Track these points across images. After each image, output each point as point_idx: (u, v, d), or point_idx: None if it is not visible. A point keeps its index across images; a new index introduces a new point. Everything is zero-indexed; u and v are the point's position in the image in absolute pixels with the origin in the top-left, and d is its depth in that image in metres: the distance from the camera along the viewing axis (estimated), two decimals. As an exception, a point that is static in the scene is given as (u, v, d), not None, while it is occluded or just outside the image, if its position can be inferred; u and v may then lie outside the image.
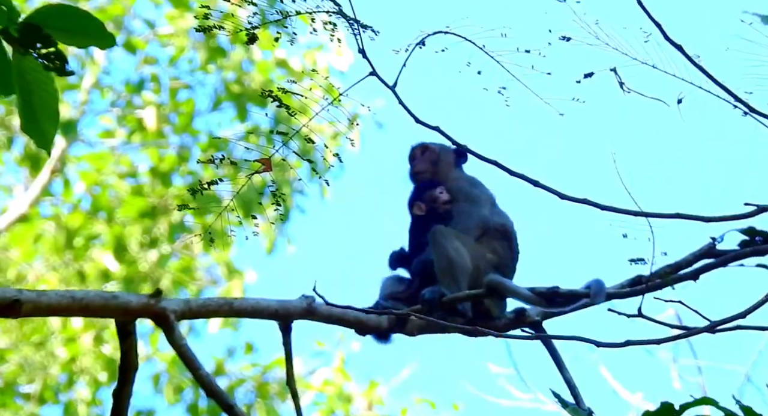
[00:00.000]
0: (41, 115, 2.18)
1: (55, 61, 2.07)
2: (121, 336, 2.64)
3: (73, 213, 8.36)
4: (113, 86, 8.46)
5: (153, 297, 2.63)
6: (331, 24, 2.63)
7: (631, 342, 2.60)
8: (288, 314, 2.77)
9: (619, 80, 2.65)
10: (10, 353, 7.95)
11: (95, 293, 2.61)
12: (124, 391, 2.64)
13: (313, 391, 8.30)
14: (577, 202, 2.71)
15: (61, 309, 2.57)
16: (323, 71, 8.38)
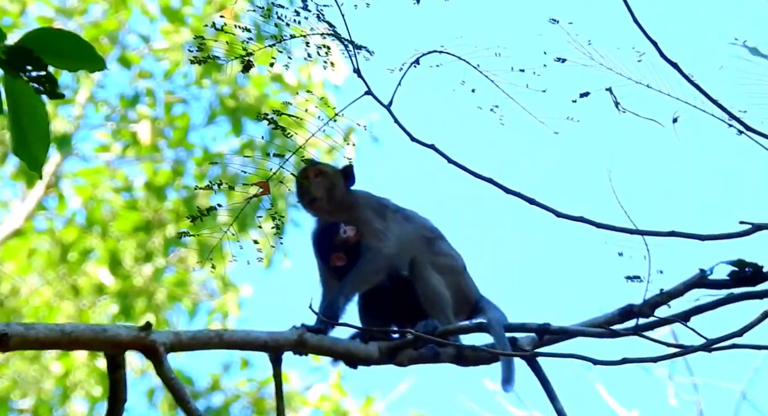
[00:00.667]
0: (32, 138, 2.18)
1: (45, 85, 2.07)
2: (111, 368, 2.65)
3: (68, 227, 8.35)
4: (108, 100, 8.46)
5: (143, 330, 2.64)
6: (325, 47, 2.64)
7: (627, 360, 2.60)
8: (278, 346, 2.78)
9: (614, 100, 2.67)
10: (5, 368, 7.92)
11: (85, 326, 2.62)
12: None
13: (309, 407, 8.28)
14: (572, 220, 2.72)
15: (49, 343, 2.58)
16: (318, 85, 8.39)
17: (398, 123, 2.71)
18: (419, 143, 2.70)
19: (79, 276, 8.23)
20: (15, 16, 8.38)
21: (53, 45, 2.14)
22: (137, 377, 8.14)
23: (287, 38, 2.68)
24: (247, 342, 2.76)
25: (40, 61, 2.07)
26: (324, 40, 2.65)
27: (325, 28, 2.66)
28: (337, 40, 2.66)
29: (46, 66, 2.08)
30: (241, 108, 8.30)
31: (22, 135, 2.18)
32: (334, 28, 2.67)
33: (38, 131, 2.17)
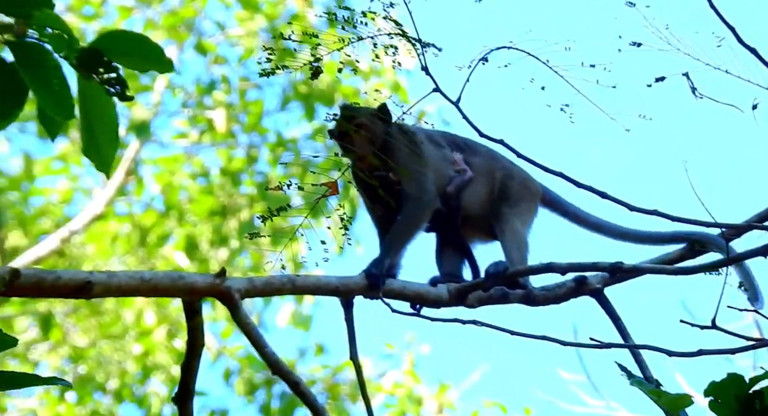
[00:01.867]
0: (101, 139, 2.24)
1: (116, 87, 2.13)
2: (188, 314, 2.71)
3: (146, 212, 8.53)
4: (184, 87, 8.60)
5: (218, 277, 2.70)
6: (392, 47, 2.65)
7: (704, 352, 2.56)
8: (348, 290, 2.82)
9: (692, 86, 2.61)
10: (90, 351, 8.15)
11: (163, 273, 2.70)
12: (192, 365, 2.72)
13: (383, 393, 8.33)
14: (646, 213, 2.67)
15: (130, 290, 2.65)
16: (390, 70, 8.39)
17: (466, 118, 2.70)
18: (488, 138, 2.70)
19: (157, 260, 8.40)
20: (97, 6, 8.56)
21: (123, 47, 2.19)
22: (214, 360, 8.30)
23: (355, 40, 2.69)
24: (319, 287, 2.80)
25: (110, 64, 2.12)
26: (391, 39, 2.66)
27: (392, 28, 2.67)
28: (405, 38, 2.67)
29: (116, 69, 2.13)
30: (313, 94, 8.35)
31: (92, 136, 2.24)
32: (401, 26, 2.67)
33: (108, 132, 2.23)
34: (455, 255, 3.06)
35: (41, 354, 8.24)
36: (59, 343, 8.24)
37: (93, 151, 2.22)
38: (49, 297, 2.86)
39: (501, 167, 3.08)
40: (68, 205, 8.50)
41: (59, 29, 2.17)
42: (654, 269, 2.79)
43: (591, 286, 2.87)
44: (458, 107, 2.70)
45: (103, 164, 2.24)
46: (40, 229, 8.37)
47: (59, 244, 8.25)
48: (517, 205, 3.03)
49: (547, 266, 2.81)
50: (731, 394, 2.27)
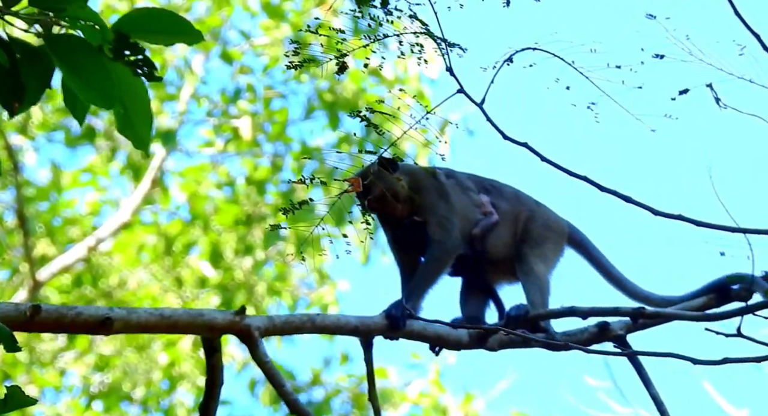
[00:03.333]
0: (135, 118, 2.23)
1: (143, 68, 2.11)
2: (208, 352, 2.72)
3: (172, 221, 8.56)
4: (210, 96, 8.63)
5: (238, 314, 2.70)
6: (418, 45, 2.64)
7: (729, 360, 2.54)
8: (368, 330, 2.81)
9: (715, 96, 2.58)
10: (116, 359, 8.18)
11: (183, 311, 2.71)
12: (210, 405, 2.72)
13: (408, 403, 8.30)
14: (671, 218, 2.64)
15: (150, 327, 2.67)
16: (414, 79, 8.38)
17: (491, 121, 2.68)
18: (512, 141, 2.67)
19: (182, 269, 8.42)
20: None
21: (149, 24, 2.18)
22: (239, 370, 8.30)
23: (381, 38, 2.68)
24: (338, 327, 2.80)
25: (137, 45, 2.11)
26: (417, 38, 2.64)
27: (418, 27, 2.66)
28: (430, 38, 2.65)
29: (143, 50, 2.12)
30: (338, 102, 8.36)
31: (126, 115, 2.23)
32: (426, 26, 2.66)
33: (141, 110, 2.22)
34: (479, 298, 3.05)
35: (68, 362, 8.28)
36: (86, 352, 8.28)
37: (128, 130, 2.21)
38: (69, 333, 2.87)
39: (526, 208, 3.07)
40: (96, 216, 8.56)
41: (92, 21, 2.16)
42: (677, 315, 2.76)
43: (614, 332, 2.85)
44: (482, 108, 2.68)
45: (141, 141, 2.23)
46: (68, 238, 8.42)
47: (86, 253, 8.29)
48: (539, 247, 3.01)
49: (568, 311, 2.81)
50: None
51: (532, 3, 2.60)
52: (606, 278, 3.07)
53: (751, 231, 2.60)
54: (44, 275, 8.20)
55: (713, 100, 2.58)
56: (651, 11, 2.56)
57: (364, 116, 2.76)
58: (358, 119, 2.80)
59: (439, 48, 2.66)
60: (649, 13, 2.55)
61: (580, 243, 3.08)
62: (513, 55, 2.65)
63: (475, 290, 3.05)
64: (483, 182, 3.09)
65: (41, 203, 8.46)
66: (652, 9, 2.56)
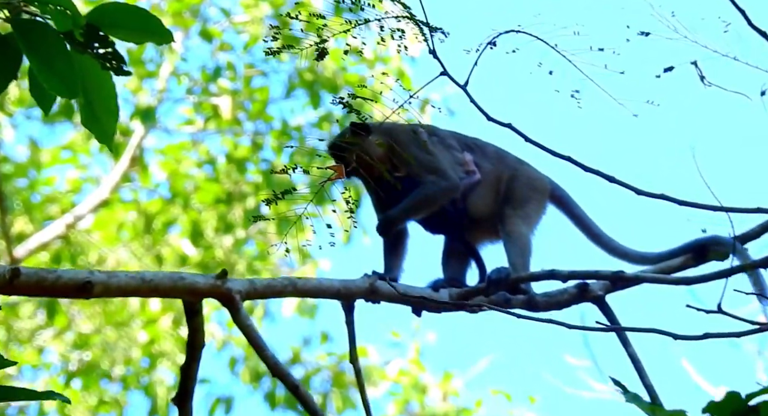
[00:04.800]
0: (100, 111, 2.22)
1: (112, 61, 2.10)
2: (189, 315, 2.70)
3: (152, 200, 8.52)
4: (190, 74, 8.57)
5: (219, 278, 2.69)
6: (399, 31, 2.63)
7: (709, 335, 2.55)
8: (350, 293, 2.81)
9: (700, 74, 2.59)
10: (95, 337, 8.15)
11: (164, 274, 2.69)
12: (192, 367, 2.71)
13: (388, 381, 8.33)
14: (654, 197, 2.66)
15: (130, 290, 2.65)
16: (395, 58, 8.35)
17: (474, 103, 2.69)
18: (496, 122, 2.68)
19: (162, 247, 8.39)
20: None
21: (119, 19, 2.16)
22: (219, 349, 8.29)
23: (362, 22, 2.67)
24: (320, 290, 2.80)
25: (106, 38, 2.10)
26: (399, 22, 2.63)
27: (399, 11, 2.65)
28: (412, 22, 2.64)
29: (112, 43, 2.10)
30: (319, 81, 8.32)
31: (90, 109, 2.21)
32: (409, 9, 2.65)
33: (106, 104, 2.20)
34: (460, 259, 3.07)
35: (46, 340, 8.25)
36: (64, 329, 8.25)
37: (93, 123, 2.19)
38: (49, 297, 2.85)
39: (509, 167, 3.06)
40: (76, 194, 8.50)
41: (62, 5, 2.14)
42: (656, 278, 2.78)
43: (593, 293, 2.88)
44: (466, 90, 2.68)
45: (104, 135, 2.22)
46: (46, 215, 8.37)
47: (65, 230, 8.25)
48: (522, 207, 3.02)
49: (549, 274, 2.82)
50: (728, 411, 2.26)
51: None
52: (586, 235, 3.09)
53: (733, 210, 2.61)
54: (21, 253, 8.14)
55: (698, 78, 2.58)
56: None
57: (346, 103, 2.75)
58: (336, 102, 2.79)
59: (421, 32, 2.66)
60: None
61: (561, 200, 3.10)
62: (496, 38, 2.65)
63: (457, 251, 3.06)
64: (466, 140, 3.09)
65: (19, 179, 8.39)
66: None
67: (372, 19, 2.66)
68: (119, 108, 2.25)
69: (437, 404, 8.31)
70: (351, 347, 2.80)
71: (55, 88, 2.14)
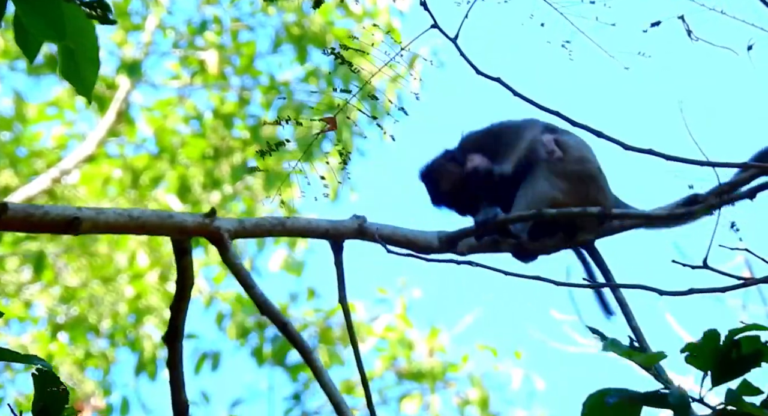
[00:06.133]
0: (81, 62, 2.18)
1: (97, 10, 2.06)
2: (178, 254, 2.68)
3: (139, 155, 8.47)
4: (176, 27, 8.48)
5: (207, 217, 2.67)
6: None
7: (694, 290, 2.56)
8: (339, 233, 2.80)
9: (687, 28, 2.58)
10: (82, 292, 8.15)
11: (152, 212, 2.67)
12: (181, 306, 2.70)
13: (374, 337, 8.38)
14: (641, 152, 2.66)
15: (118, 227, 2.62)
16: (384, 11, 8.28)
17: (464, 56, 2.67)
18: (485, 75, 2.67)
19: (149, 202, 8.37)
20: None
21: None
22: (207, 305, 8.31)
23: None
24: (309, 230, 2.78)
25: (90, -15, 2.05)
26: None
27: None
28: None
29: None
30: (306, 36, 8.25)
31: (71, 59, 2.17)
32: (399, -42, 2.62)
33: (88, 55, 2.16)
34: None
35: (33, 294, 8.25)
36: (51, 283, 8.25)
37: (72, 73, 2.15)
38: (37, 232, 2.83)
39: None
40: (62, 150, 8.44)
41: None
42: (644, 215, 2.77)
43: (581, 237, 2.86)
44: (456, 43, 2.67)
45: (84, 87, 2.18)
46: (32, 170, 8.32)
47: (50, 184, 8.20)
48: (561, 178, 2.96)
49: (536, 214, 2.80)
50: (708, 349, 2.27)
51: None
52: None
53: (720, 164, 2.61)
54: (8, 208, 8.10)
55: (685, 33, 2.57)
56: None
57: (337, 53, 2.72)
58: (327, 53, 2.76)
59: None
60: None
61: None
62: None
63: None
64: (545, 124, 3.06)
65: (4, 133, 8.32)
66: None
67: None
68: (100, 60, 2.21)
69: (424, 359, 8.38)
70: (340, 287, 2.79)
71: (42, 31, 2.10)
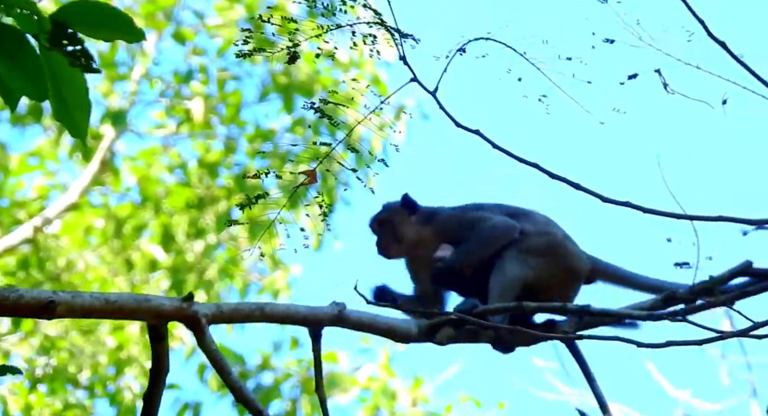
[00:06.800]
0: (72, 105, 2.19)
1: (81, 59, 2.07)
2: (154, 339, 2.66)
3: (122, 204, 8.45)
4: (162, 77, 8.52)
5: (185, 301, 2.64)
6: (371, 36, 2.63)
7: (672, 343, 2.58)
8: (318, 320, 2.78)
9: (663, 81, 2.61)
10: (62, 341, 8.07)
11: (128, 295, 2.65)
12: (155, 393, 2.66)
13: (358, 387, 8.30)
14: (619, 205, 2.67)
15: (94, 312, 2.60)
16: (369, 62, 8.34)
17: (443, 109, 2.70)
18: (464, 128, 2.69)
19: (132, 251, 8.33)
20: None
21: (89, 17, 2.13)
22: (188, 356, 8.23)
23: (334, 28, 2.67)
24: (288, 316, 2.77)
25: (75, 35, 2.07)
26: (370, 28, 2.63)
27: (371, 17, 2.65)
28: (384, 28, 2.65)
29: (81, 41, 2.07)
30: (293, 85, 8.30)
31: (62, 104, 2.18)
32: (380, 15, 2.65)
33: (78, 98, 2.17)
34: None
35: (12, 344, 8.15)
36: (31, 334, 8.16)
37: (65, 116, 2.16)
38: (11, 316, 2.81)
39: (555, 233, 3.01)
40: (44, 200, 8.42)
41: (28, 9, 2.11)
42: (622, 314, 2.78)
43: (560, 330, 2.87)
44: (435, 97, 2.70)
45: (77, 129, 2.19)
46: (15, 219, 8.28)
47: (32, 233, 8.16)
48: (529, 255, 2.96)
49: (516, 306, 2.80)
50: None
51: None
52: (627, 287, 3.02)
53: (697, 218, 2.62)
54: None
55: (662, 86, 2.60)
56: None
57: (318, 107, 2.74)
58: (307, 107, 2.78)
59: (392, 38, 2.66)
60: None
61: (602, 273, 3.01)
62: (466, 45, 2.67)
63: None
64: (510, 209, 3.06)
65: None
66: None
67: (344, 24, 2.66)
68: (91, 102, 2.23)
69: (407, 410, 8.30)
70: (317, 376, 2.78)
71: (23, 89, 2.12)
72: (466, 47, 2.67)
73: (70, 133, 2.25)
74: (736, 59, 2.53)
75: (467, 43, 2.66)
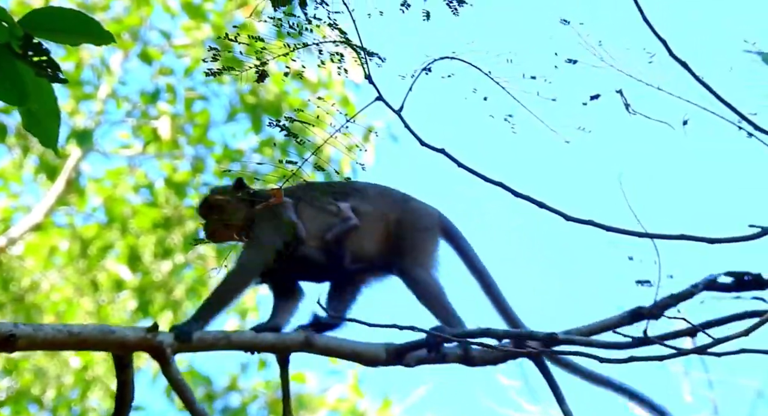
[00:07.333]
0: (42, 115, 2.19)
1: (47, 69, 2.07)
2: (118, 369, 2.66)
3: (88, 225, 8.38)
4: (129, 97, 8.49)
5: (150, 331, 2.65)
6: (338, 55, 2.65)
7: (634, 358, 2.60)
8: (285, 347, 2.80)
9: (625, 102, 2.65)
10: (25, 362, 7.97)
11: (92, 327, 2.63)
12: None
13: (326, 409, 8.27)
14: (582, 223, 2.71)
15: (57, 344, 2.60)
16: (338, 83, 8.37)
17: (408, 128, 2.72)
18: (429, 147, 2.72)
19: (98, 272, 8.26)
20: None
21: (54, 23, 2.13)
22: (155, 377, 8.16)
23: (301, 47, 2.69)
24: (255, 344, 2.77)
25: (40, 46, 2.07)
26: (337, 47, 2.66)
27: (337, 36, 2.67)
28: (350, 47, 2.67)
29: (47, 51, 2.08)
30: (261, 105, 8.30)
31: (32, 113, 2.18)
32: (345, 35, 2.67)
33: (47, 107, 2.17)
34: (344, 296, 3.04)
35: (-25, 366, 8.05)
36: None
37: (36, 127, 2.16)
38: None
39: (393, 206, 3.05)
40: (6, 224, 8.33)
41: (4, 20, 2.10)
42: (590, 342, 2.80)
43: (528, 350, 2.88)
44: (401, 116, 2.72)
45: (48, 139, 2.19)
46: (-22, 240, 8.19)
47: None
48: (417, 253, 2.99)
49: (483, 332, 2.83)
50: None
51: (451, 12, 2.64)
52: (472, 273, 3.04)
53: (659, 236, 2.66)
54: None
55: (623, 106, 2.64)
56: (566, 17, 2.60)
57: (284, 126, 2.76)
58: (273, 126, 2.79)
59: (358, 57, 2.68)
60: (564, 19, 2.60)
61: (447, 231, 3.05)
62: (431, 64, 2.70)
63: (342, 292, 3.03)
64: (343, 188, 3.07)
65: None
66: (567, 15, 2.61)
67: (311, 43, 2.67)
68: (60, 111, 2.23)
69: (375, 431, 8.28)
70: (285, 403, 2.79)
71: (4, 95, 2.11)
72: (431, 66, 2.69)
73: (40, 142, 2.25)
74: (698, 79, 2.58)
75: (432, 62, 2.69)
